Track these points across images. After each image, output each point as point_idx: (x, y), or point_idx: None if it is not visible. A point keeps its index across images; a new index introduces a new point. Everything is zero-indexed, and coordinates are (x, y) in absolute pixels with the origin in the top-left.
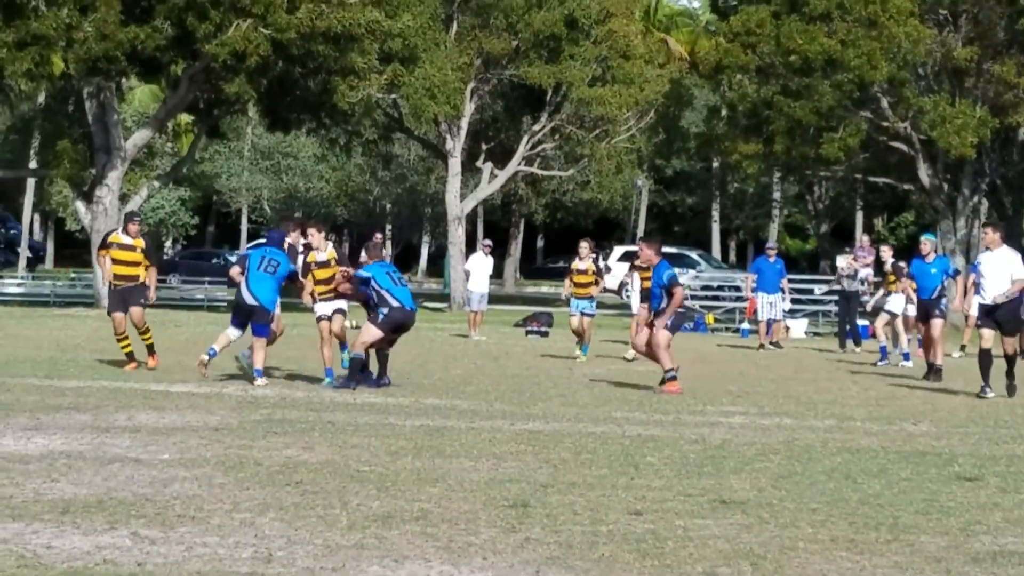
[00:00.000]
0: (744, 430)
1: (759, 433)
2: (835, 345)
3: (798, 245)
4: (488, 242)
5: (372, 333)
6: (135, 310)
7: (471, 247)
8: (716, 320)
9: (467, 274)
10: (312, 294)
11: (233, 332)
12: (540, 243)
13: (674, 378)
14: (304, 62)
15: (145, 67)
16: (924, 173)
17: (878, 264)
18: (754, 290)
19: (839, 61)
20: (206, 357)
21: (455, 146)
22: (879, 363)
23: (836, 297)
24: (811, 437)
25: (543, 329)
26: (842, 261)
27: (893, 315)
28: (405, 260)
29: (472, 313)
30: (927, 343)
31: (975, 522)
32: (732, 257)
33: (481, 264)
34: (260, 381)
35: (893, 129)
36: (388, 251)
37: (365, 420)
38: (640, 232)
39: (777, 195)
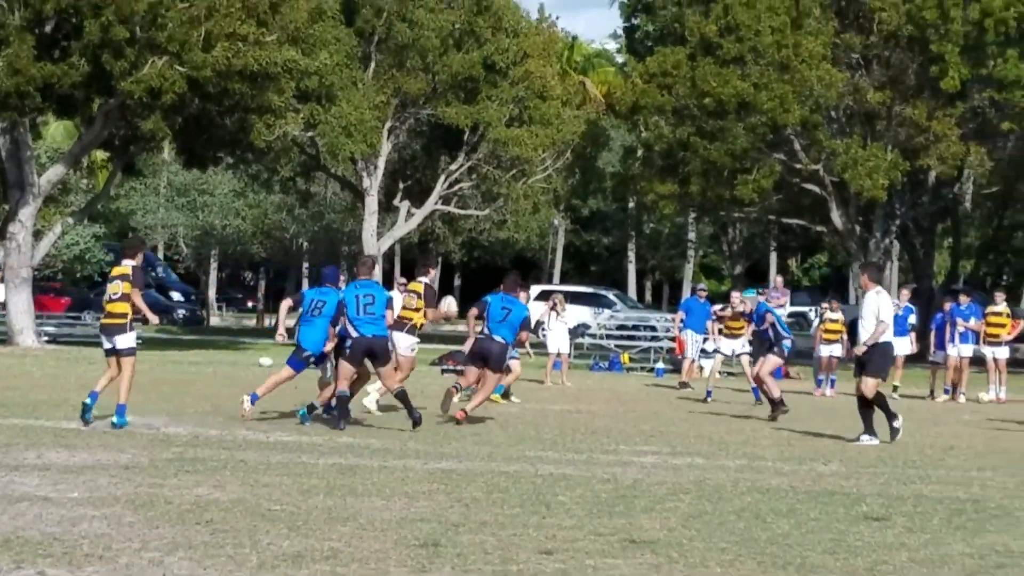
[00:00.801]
0: (656, 469)
1: (670, 472)
2: (747, 385)
3: (713, 286)
4: (404, 280)
5: (344, 368)
6: None
7: (388, 285)
8: (631, 360)
9: None
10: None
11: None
12: (457, 282)
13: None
14: (220, 100)
15: (60, 103)
16: (836, 215)
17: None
18: (682, 328)
19: (752, 104)
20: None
21: (372, 184)
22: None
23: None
24: (722, 477)
25: (459, 367)
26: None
27: (734, 355)
28: None
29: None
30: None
31: (881, 562)
32: (648, 297)
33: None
34: (247, 406)
35: (806, 171)
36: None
37: (277, 459)
38: (557, 272)
39: (692, 236)
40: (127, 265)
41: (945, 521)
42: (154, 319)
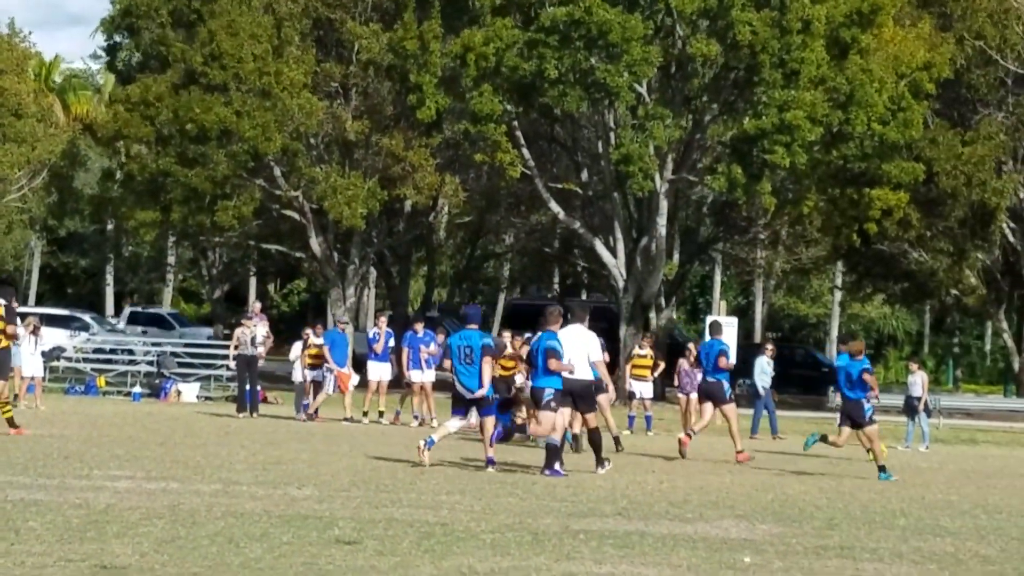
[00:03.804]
0: (130, 494)
1: (144, 497)
2: (228, 409)
3: (193, 309)
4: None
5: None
6: None
7: None
8: (108, 383)
9: None
10: None
11: (453, 424)
12: None
13: None
14: None
15: None
16: (316, 241)
17: None
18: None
19: (234, 131)
20: (422, 444)
21: None
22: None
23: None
24: (196, 501)
25: None
26: (240, 331)
27: None
28: None
29: None
30: None
31: None
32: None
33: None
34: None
35: (286, 198)
36: None
37: None
38: (33, 293)
39: (172, 259)
40: None
41: (415, 544)
42: None
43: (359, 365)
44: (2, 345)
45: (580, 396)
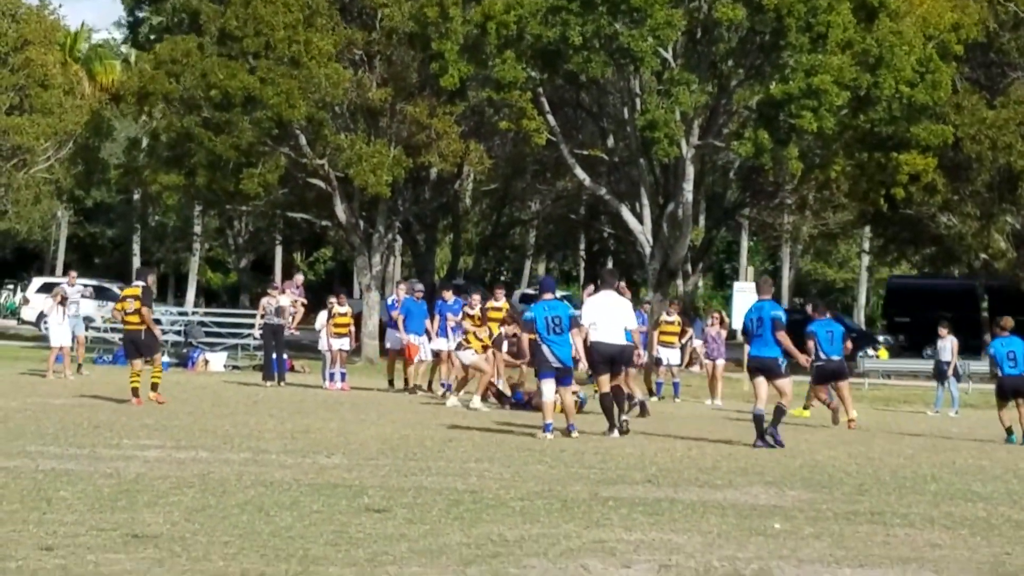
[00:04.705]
0: (160, 464)
1: (174, 467)
2: (255, 378)
3: (219, 279)
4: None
5: None
6: None
7: None
8: None
9: None
10: None
11: (549, 389)
12: None
13: None
14: None
15: None
16: (341, 210)
17: None
18: (407, 332)
19: (259, 98)
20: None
21: None
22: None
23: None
24: (226, 470)
25: None
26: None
27: None
28: None
29: None
30: None
31: (382, 552)
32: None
33: None
34: (546, 435)
35: (311, 166)
36: None
37: None
38: (60, 264)
39: (198, 229)
40: None
41: (444, 512)
42: None
43: (379, 333)
44: (143, 327)
45: (619, 360)
